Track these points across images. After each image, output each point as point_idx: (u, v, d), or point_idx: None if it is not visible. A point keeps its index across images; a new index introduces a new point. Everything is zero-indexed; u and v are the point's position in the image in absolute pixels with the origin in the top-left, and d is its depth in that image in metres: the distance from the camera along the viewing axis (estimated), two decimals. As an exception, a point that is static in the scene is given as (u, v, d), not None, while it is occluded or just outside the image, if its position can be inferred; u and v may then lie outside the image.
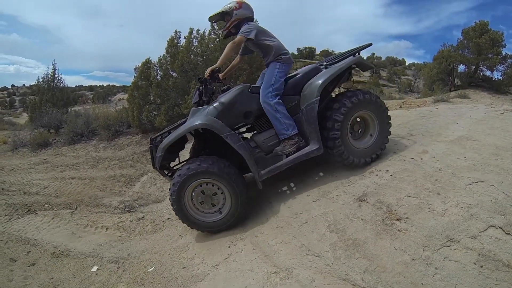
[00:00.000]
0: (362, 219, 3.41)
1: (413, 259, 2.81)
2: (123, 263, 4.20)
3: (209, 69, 4.14)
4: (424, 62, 40.85)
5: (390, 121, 4.52)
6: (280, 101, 4.19)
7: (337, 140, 4.15)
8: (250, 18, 4.48)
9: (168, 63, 9.80)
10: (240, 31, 4.24)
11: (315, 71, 4.39)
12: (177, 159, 4.88)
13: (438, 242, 2.88)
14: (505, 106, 6.32)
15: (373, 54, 54.85)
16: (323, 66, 4.55)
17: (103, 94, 48.06)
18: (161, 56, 10.00)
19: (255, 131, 4.55)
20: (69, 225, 5.46)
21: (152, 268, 3.92)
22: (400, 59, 56.24)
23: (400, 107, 9.84)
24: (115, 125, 10.26)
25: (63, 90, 15.65)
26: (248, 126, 4.66)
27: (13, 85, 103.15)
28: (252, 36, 4.21)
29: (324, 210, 3.77)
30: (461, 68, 17.45)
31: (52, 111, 12.68)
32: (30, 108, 15.55)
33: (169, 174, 4.66)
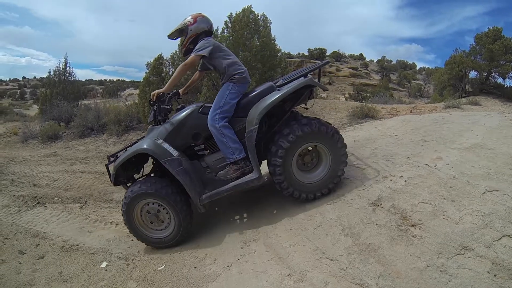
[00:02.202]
0: (376, 224, 3.40)
1: (427, 266, 2.79)
2: (132, 260, 4.18)
3: (155, 93, 4.13)
4: (435, 67, 40.74)
5: (343, 148, 4.17)
6: (227, 124, 4.08)
7: (282, 184, 4.07)
8: (208, 32, 4.38)
9: (181, 60, 9.83)
10: (194, 50, 4.12)
11: (267, 91, 4.16)
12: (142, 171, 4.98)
13: (453, 250, 2.85)
14: (519, 115, 6.27)
15: (383, 57, 54.78)
16: (281, 83, 4.27)
17: (113, 88, 48.30)
18: (174, 52, 10.03)
19: (208, 151, 4.49)
20: (78, 219, 5.47)
21: (163, 266, 3.89)
22: (411, 63, 56.17)
23: (411, 111, 9.82)
24: (126, 120, 10.30)
25: (74, 83, 15.75)
26: (201, 146, 4.57)
27: (24, 77, 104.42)
28: (205, 53, 4.06)
29: (338, 213, 3.76)
30: (473, 74, 17.36)
31: (62, 104, 12.74)
32: (41, 100, 15.66)
33: None
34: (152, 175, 4.73)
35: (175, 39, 4.50)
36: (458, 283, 2.60)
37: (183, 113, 4.27)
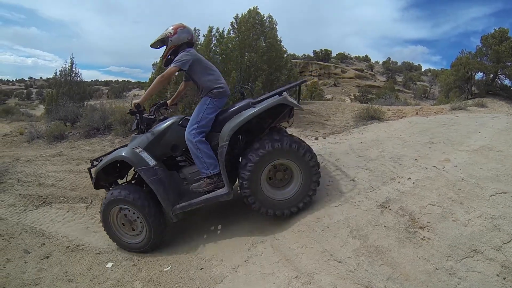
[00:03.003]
0: (385, 226, 3.38)
1: (436, 269, 2.78)
2: (138, 260, 4.18)
3: (132, 104, 4.22)
4: (441, 69, 40.62)
5: (315, 165, 4.08)
6: (203, 139, 4.11)
7: (252, 203, 4.09)
8: (189, 43, 4.39)
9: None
10: (174, 61, 4.12)
11: (243, 108, 4.15)
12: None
13: (462, 252, 2.84)
14: (527, 117, 6.24)
15: (388, 58, 54.79)
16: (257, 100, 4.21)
17: (119, 89, 48.44)
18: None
19: (186, 163, 4.54)
20: (84, 219, 5.46)
21: (169, 267, 3.89)
22: (416, 64, 56.11)
23: (417, 113, 9.78)
24: (131, 120, 10.29)
25: (80, 84, 15.77)
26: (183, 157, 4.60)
27: (30, 78, 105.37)
28: (184, 67, 4.08)
29: (346, 215, 3.74)
30: (479, 76, 17.26)
31: (68, 104, 12.77)
32: (47, 100, 15.68)
33: None
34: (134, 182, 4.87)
35: (158, 48, 4.49)
36: (467, 286, 2.59)
37: (164, 125, 4.37)
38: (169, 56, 4.32)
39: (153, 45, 4.48)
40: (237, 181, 4.39)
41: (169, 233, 4.77)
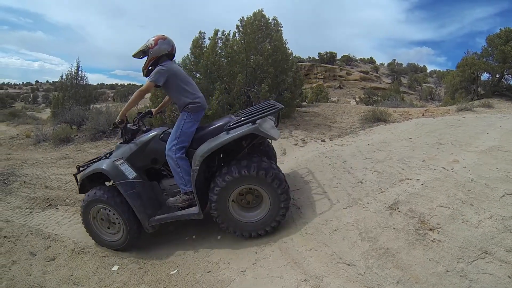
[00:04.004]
0: (394, 228, 3.35)
1: (447, 271, 2.74)
2: (144, 263, 4.16)
3: (116, 121, 4.28)
4: (447, 70, 40.54)
5: (283, 189, 3.95)
6: (184, 155, 4.16)
7: (222, 225, 4.18)
8: (169, 55, 4.42)
9: (192, 63, 9.81)
10: (150, 75, 4.16)
11: (220, 128, 4.15)
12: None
13: (473, 254, 2.80)
14: (536, 117, 6.19)
15: (394, 60, 54.70)
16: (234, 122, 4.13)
17: (124, 92, 48.56)
18: (185, 56, 10.02)
19: (167, 174, 4.59)
20: (90, 221, 5.46)
21: (175, 270, 3.87)
22: (422, 66, 56.01)
23: (423, 115, 9.74)
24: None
25: (85, 87, 15.92)
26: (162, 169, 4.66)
27: (37, 81, 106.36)
28: (160, 82, 4.11)
29: (355, 217, 3.72)
30: (485, 76, 17.17)
31: (74, 107, 12.84)
32: (53, 103, 15.79)
33: None
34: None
35: (141, 58, 4.50)
36: (478, 288, 2.54)
37: (146, 137, 4.45)
38: (150, 67, 4.34)
39: (135, 56, 4.50)
40: None
41: (172, 234, 4.79)
